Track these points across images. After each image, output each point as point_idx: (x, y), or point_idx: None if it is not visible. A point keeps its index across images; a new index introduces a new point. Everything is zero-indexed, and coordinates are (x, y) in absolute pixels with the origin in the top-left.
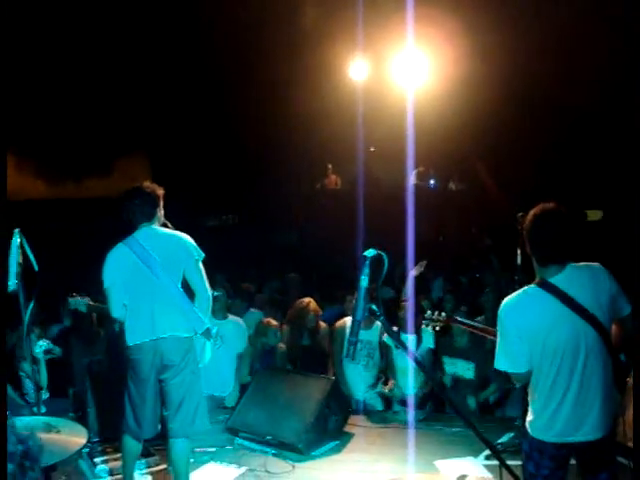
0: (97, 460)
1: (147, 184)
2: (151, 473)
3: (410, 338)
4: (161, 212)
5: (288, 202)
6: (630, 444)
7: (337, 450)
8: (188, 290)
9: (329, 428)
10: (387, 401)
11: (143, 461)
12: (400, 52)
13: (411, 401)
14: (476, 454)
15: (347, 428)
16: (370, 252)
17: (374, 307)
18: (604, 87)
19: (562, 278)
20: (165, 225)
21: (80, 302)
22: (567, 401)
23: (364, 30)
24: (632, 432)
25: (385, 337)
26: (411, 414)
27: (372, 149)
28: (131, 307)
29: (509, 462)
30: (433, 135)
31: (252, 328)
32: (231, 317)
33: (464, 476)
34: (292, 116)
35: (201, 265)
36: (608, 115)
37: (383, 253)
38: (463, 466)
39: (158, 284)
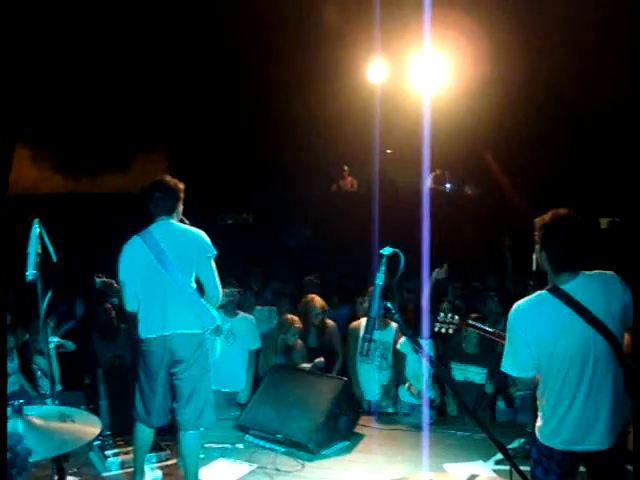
0: (108, 453)
1: (169, 178)
2: (161, 467)
3: (425, 343)
4: (180, 207)
5: (303, 203)
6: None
7: (347, 450)
8: (199, 286)
9: (339, 428)
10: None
11: (154, 455)
12: (418, 54)
13: (424, 404)
14: (486, 458)
15: (358, 429)
16: (387, 250)
17: (389, 305)
18: (625, 92)
19: (574, 285)
20: (182, 221)
21: (107, 283)
22: (574, 409)
23: (382, 32)
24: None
25: (399, 345)
26: (422, 417)
27: (388, 151)
28: (143, 301)
29: (521, 467)
30: (450, 138)
31: (264, 323)
32: (242, 314)
33: (475, 476)
34: (309, 117)
35: (213, 263)
36: (626, 121)
37: (400, 251)
38: (472, 470)
39: (169, 280)
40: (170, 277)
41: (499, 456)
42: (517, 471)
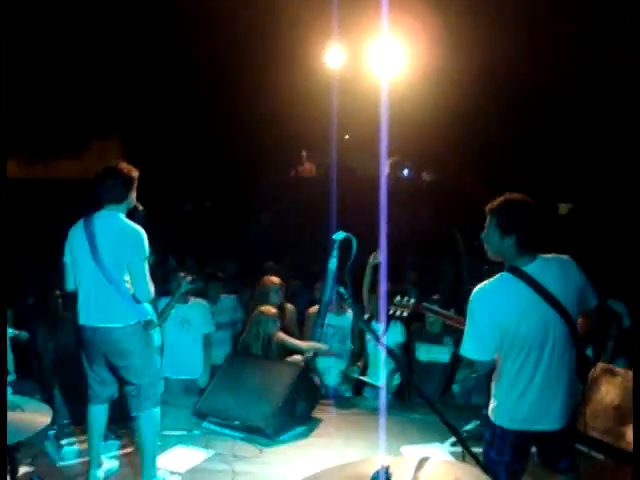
0: (64, 442)
1: (123, 165)
2: (118, 456)
3: (382, 327)
4: (133, 195)
5: (262, 188)
6: (591, 434)
7: (305, 435)
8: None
9: (297, 413)
10: (357, 387)
11: (110, 443)
12: (376, 40)
13: (382, 388)
14: (442, 440)
15: (316, 414)
16: (339, 235)
17: (342, 290)
18: (580, 78)
19: (534, 268)
20: (136, 208)
21: None
22: (531, 390)
23: (339, 17)
24: (593, 422)
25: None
26: (381, 401)
27: (347, 137)
28: (79, 288)
29: (473, 449)
30: (408, 125)
31: (228, 312)
32: (193, 299)
33: (426, 458)
34: (267, 102)
35: (146, 265)
36: (583, 108)
37: (352, 236)
38: (429, 452)
39: (99, 273)
40: (100, 271)
41: (455, 438)
42: (469, 453)
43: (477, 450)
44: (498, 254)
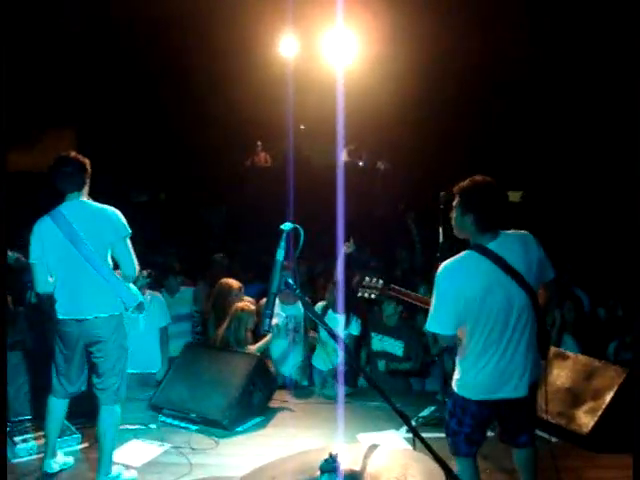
0: (17, 439)
1: (74, 154)
2: (75, 452)
3: (340, 318)
4: (88, 184)
5: (217, 179)
6: (544, 416)
7: (262, 426)
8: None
9: (254, 404)
10: (311, 377)
11: (70, 438)
12: (330, 29)
13: (338, 376)
14: (398, 427)
15: (272, 404)
16: (287, 225)
17: (290, 280)
18: (530, 66)
19: (497, 244)
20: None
21: (11, 257)
22: (495, 360)
23: (293, 6)
24: (547, 406)
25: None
26: (336, 389)
27: (302, 127)
28: (58, 283)
29: (429, 434)
30: (362, 113)
31: (187, 304)
32: (149, 293)
33: (376, 445)
34: (221, 91)
35: (128, 242)
36: (535, 96)
37: (299, 227)
38: (385, 438)
39: (83, 261)
40: (84, 258)
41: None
42: (420, 439)
43: (432, 435)
44: (461, 232)
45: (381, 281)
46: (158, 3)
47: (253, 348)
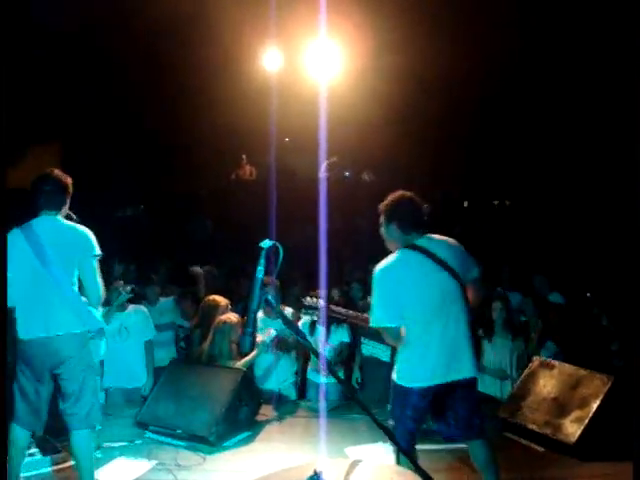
0: None
1: (57, 171)
2: (57, 470)
3: (321, 329)
4: (68, 202)
5: (201, 193)
6: (530, 426)
7: (248, 441)
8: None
9: (240, 419)
10: (301, 390)
11: (48, 458)
12: (313, 42)
13: (322, 390)
14: (386, 439)
15: (259, 418)
16: (266, 243)
17: (270, 297)
18: (513, 77)
19: (424, 241)
20: (69, 217)
21: None
22: (436, 347)
23: (276, 20)
24: (532, 415)
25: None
26: (326, 403)
27: (287, 140)
28: (23, 300)
29: (416, 446)
30: (347, 126)
31: (168, 314)
32: (132, 306)
33: (360, 460)
34: (205, 106)
35: (96, 263)
36: (518, 106)
37: (278, 244)
38: (373, 452)
39: (49, 278)
40: (50, 275)
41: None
42: (402, 452)
43: (418, 447)
44: (391, 241)
45: (321, 301)
46: (141, 18)
47: (239, 363)
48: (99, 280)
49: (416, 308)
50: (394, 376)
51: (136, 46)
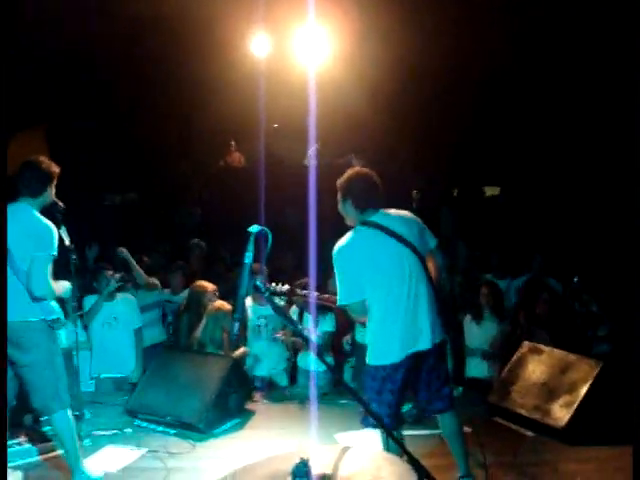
0: None
1: (43, 159)
2: (48, 459)
3: (310, 317)
4: (51, 191)
5: (190, 180)
6: (519, 411)
7: (238, 428)
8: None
9: (230, 406)
10: (292, 377)
11: (36, 447)
12: (301, 28)
13: (312, 376)
14: (377, 425)
15: (249, 405)
16: (254, 228)
17: (258, 283)
18: (504, 64)
19: (379, 217)
20: (55, 204)
21: None
22: (401, 320)
23: (265, 4)
24: (522, 400)
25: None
26: (315, 390)
27: (275, 126)
28: None
29: (408, 432)
30: (335, 112)
31: (153, 293)
32: (120, 295)
33: (348, 447)
34: (193, 92)
35: (49, 262)
36: (509, 91)
37: (267, 229)
38: (363, 437)
39: (7, 266)
40: (9, 263)
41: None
42: (392, 439)
43: (411, 433)
44: (347, 217)
45: (286, 285)
46: (127, 4)
47: (234, 355)
48: (48, 278)
49: (376, 284)
50: (367, 359)
51: (122, 32)
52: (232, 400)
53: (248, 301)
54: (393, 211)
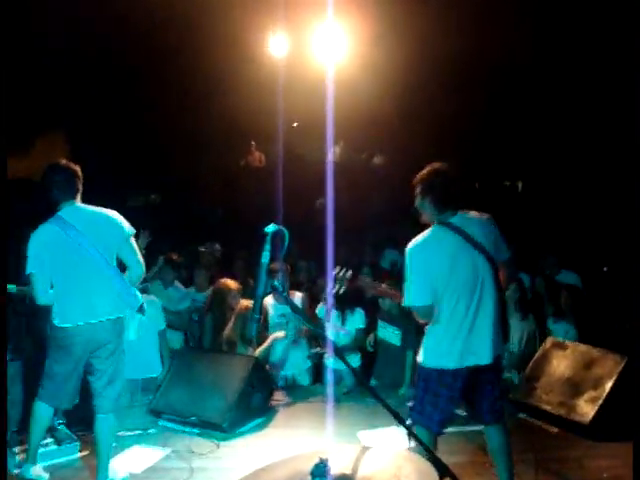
0: (16, 449)
1: (64, 161)
2: (75, 459)
3: (334, 313)
4: (80, 189)
5: (211, 180)
6: (544, 407)
7: (262, 427)
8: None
9: (253, 405)
10: (315, 376)
11: (65, 447)
12: (320, 27)
13: (336, 375)
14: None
15: (272, 404)
16: (271, 227)
17: (276, 283)
18: (524, 58)
19: (457, 220)
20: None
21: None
22: (465, 328)
23: (283, 3)
24: (546, 396)
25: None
26: (339, 388)
27: (295, 124)
28: (63, 289)
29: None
30: (355, 110)
31: (179, 302)
32: (144, 297)
33: (368, 447)
34: (212, 93)
35: (133, 240)
36: (527, 88)
37: (284, 228)
38: (386, 435)
39: (92, 264)
40: (92, 261)
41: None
42: (414, 437)
43: None
44: (424, 214)
45: (350, 272)
46: (146, 3)
47: (255, 352)
48: (140, 256)
49: (447, 288)
50: (421, 358)
51: (142, 32)
52: (255, 399)
53: (269, 299)
54: (473, 214)
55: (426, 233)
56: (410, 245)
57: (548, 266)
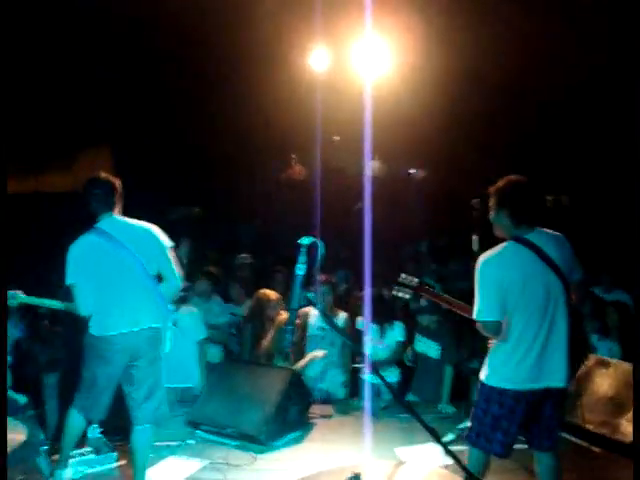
0: (55, 458)
1: (104, 174)
2: (111, 469)
3: (373, 328)
4: (121, 203)
5: (251, 194)
6: (586, 426)
7: (298, 440)
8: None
9: (290, 418)
10: (352, 390)
11: (103, 456)
12: (360, 40)
13: (374, 389)
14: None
15: (310, 418)
16: (306, 240)
17: (310, 296)
18: (571, 73)
19: (533, 236)
20: None
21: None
22: (534, 350)
23: (323, 18)
24: (589, 415)
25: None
26: (377, 403)
27: (336, 138)
28: (103, 298)
29: (463, 447)
30: (395, 124)
31: (218, 316)
32: (183, 307)
33: (401, 463)
34: (253, 106)
35: (171, 253)
36: (574, 103)
37: (318, 240)
38: (423, 452)
39: (132, 273)
40: (132, 270)
41: (450, 437)
42: (450, 455)
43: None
44: (498, 228)
45: (416, 279)
46: (184, 18)
47: (296, 367)
48: (178, 271)
49: (518, 306)
50: (483, 376)
51: (182, 46)
52: (292, 412)
53: (314, 311)
54: (548, 232)
55: (499, 248)
56: (482, 258)
57: (602, 284)
